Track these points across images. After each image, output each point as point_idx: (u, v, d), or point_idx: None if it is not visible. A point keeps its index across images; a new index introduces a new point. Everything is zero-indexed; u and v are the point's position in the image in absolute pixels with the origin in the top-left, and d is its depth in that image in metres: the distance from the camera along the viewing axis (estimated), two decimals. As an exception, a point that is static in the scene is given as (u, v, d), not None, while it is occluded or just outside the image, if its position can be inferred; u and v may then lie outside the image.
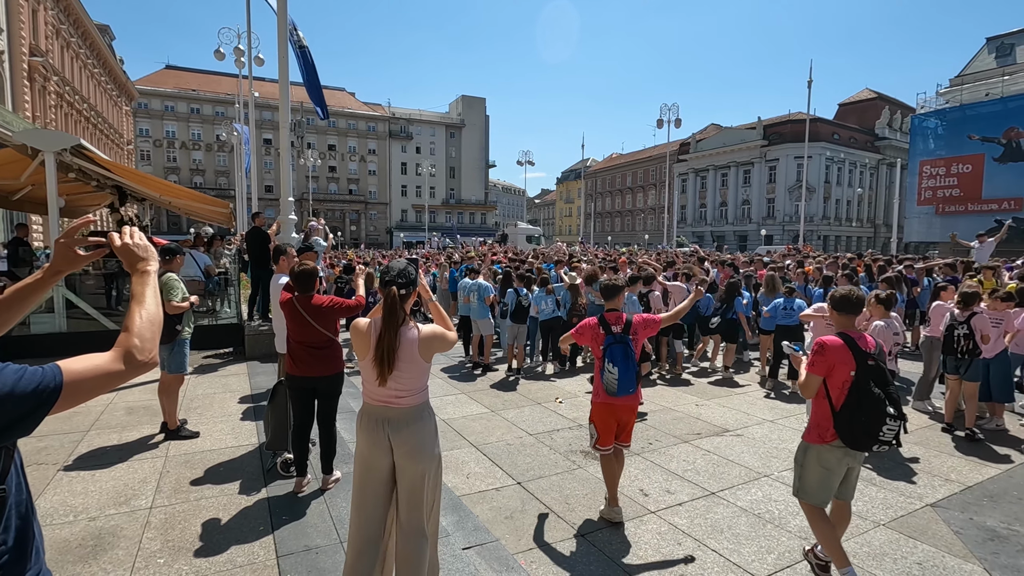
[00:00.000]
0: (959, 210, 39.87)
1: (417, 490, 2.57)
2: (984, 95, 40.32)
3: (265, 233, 9.05)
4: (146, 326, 1.32)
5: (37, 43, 24.32)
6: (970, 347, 5.61)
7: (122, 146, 42.52)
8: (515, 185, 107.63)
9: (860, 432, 2.92)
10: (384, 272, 2.59)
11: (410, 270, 2.59)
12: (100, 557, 3.17)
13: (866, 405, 2.90)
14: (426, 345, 2.55)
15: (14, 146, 8.41)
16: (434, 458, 2.63)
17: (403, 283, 2.54)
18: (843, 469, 3.10)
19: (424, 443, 2.58)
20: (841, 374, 2.97)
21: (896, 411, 2.88)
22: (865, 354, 2.98)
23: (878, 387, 2.91)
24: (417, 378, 2.57)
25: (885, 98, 62.83)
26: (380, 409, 2.57)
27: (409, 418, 2.56)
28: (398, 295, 2.51)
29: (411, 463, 2.55)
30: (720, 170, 62.30)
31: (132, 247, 1.48)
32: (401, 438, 2.53)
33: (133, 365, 1.24)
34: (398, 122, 70.91)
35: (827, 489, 3.12)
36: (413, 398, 2.57)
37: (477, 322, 8.55)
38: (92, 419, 5.56)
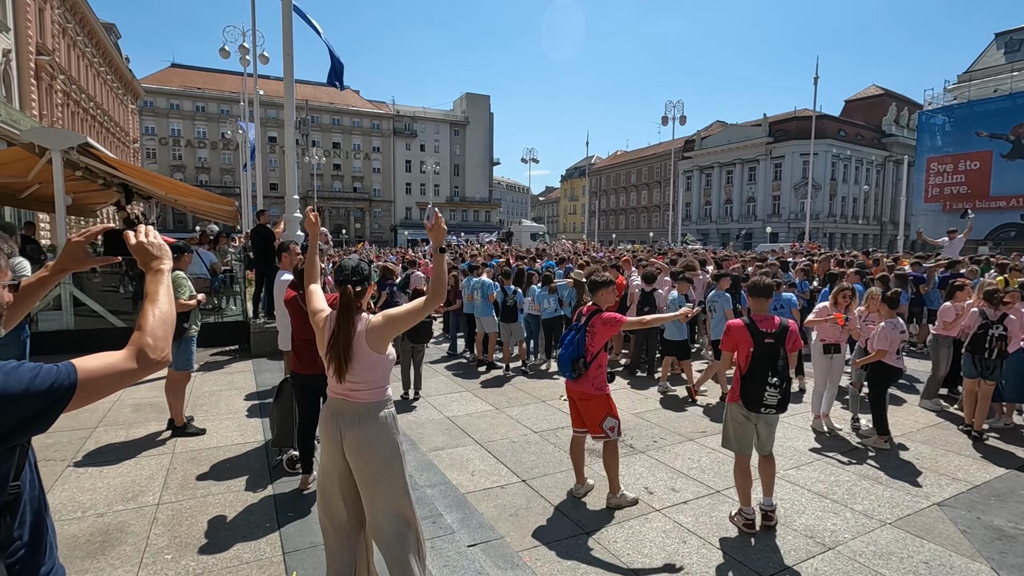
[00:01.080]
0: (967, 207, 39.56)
1: (373, 488, 2.50)
2: (992, 91, 39.94)
3: (270, 231, 9.08)
4: (159, 325, 1.32)
5: (44, 42, 24.43)
6: (1002, 348, 5.45)
7: (128, 144, 42.72)
8: (519, 183, 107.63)
9: (751, 396, 3.63)
10: (338, 271, 2.60)
11: (363, 267, 2.62)
12: (108, 553, 3.19)
13: (756, 374, 3.61)
14: (373, 335, 2.48)
15: (22, 144, 8.47)
16: (389, 460, 2.51)
17: (357, 280, 2.56)
18: (752, 423, 3.75)
19: (374, 442, 2.49)
20: (743, 350, 3.69)
21: (777, 380, 3.56)
22: (763, 334, 3.65)
23: (765, 361, 3.59)
24: (370, 370, 2.51)
25: (892, 95, 62.40)
26: (337, 403, 2.57)
27: (361, 414, 2.50)
28: (353, 292, 2.53)
29: (358, 461, 2.49)
30: (725, 167, 62.04)
31: (147, 246, 1.48)
32: (351, 434, 2.49)
33: (146, 364, 1.25)
34: (402, 120, 70.91)
35: (743, 440, 3.78)
36: (369, 392, 2.53)
37: (480, 319, 8.56)
38: (100, 416, 5.60)
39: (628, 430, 5.63)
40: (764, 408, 3.62)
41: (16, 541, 1.16)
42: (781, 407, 3.63)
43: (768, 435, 3.80)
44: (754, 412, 3.68)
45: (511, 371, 8.17)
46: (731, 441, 3.85)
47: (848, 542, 3.56)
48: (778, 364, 3.60)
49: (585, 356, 3.90)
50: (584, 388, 3.96)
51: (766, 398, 3.58)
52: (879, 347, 5.20)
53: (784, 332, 3.68)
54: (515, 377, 7.92)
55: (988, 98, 39.04)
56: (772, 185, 57.21)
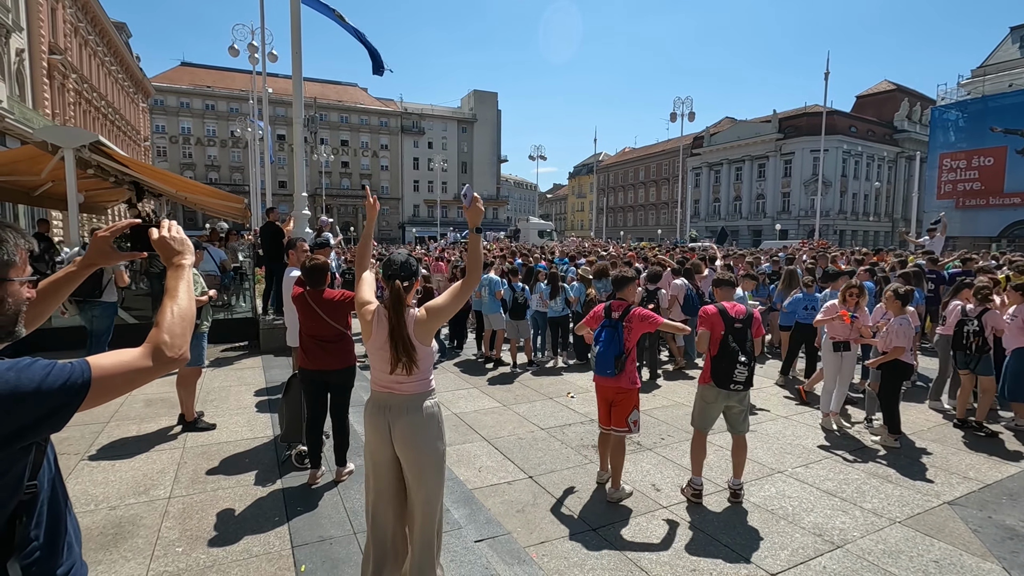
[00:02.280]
0: (980, 204, 39.07)
1: (420, 479, 2.56)
2: (1007, 86, 39.34)
3: (279, 228, 9.13)
4: (177, 322, 1.30)
5: (56, 41, 24.69)
6: (979, 343, 5.58)
7: (139, 142, 43.12)
8: (527, 180, 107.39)
9: (721, 374, 3.99)
10: (387, 266, 2.64)
11: (411, 262, 2.65)
12: (120, 545, 3.24)
13: (726, 355, 3.97)
14: (420, 329, 2.55)
15: (35, 143, 8.57)
16: (434, 452, 2.59)
17: (405, 275, 2.60)
18: (719, 404, 4.12)
19: (422, 434, 2.56)
20: (715, 333, 4.02)
21: (746, 359, 3.94)
22: (732, 319, 4.02)
23: (735, 343, 3.97)
24: (419, 362, 2.57)
25: (904, 90, 61.62)
26: (384, 396, 2.62)
27: (409, 406, 2.56)
28: (402, 287, 2.57)
29: (409, 452, 2.55)
30: (734, 164, 61.59)
31: (169, 240, 1.49)
32: (399, 426, 2.54)
33: (162, 362, 1.23)
34: (410, 117, 70.98)
35: (705, 418, 4.17)
36: (416, 384, 2.58)
37: (488, 316, 8.57)
38: (112, 411, 5.67)
39: (635, 427, 5.63)
40: (733, 384, 3.97)
41: (33, 542, 1.14)
42: (747, 384, 4.01)
43: (741, 415, 4.14)
44: (724, 389, 4.02)
45: (518, 368, 8.18)
46: (696, 418, 4.23)
47: (857, 540, 3.55)
48: (746, 345, 3.99)
49: (626, 352, 4.00)
50: (621, 384, 4.05)
51: (735, 375, 3.95)
52: (897, 344, 5.15)
53: (750, 319, 4.08)
54: (522, 374, 7.93)
55: (1003, 93, 38.44)
56: (782, 182, 56.73)
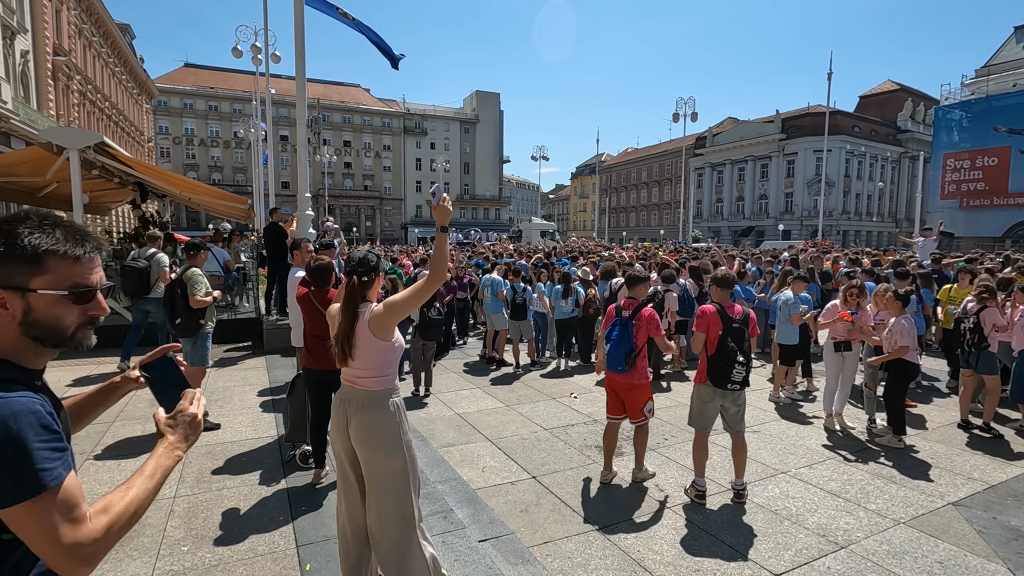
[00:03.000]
0: (984, 204, 38.93)
1: (376, 477, 2.53)
2: (1012, 85, 39.23)
3: (282, 228, 9.16)
4: (125, 521, 1.11)
5: (60, 43, 24.80)
6: (975, 340, 5.57)
7: (142, 143, 43.27)
8: (529, 180, 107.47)
9: (719, 374, 3.97)
10: (347, 262, 2.69)
11: (370, 258, 2.68)
12: (126, 544, 3.25)
13: (724, 354, 3.96)
14: (376, 322, 2.52)
15: (40, 144, 8.61)
16: (391, 451, 2.53)
17: (363, 271, 2.62)
18: (716, 403, 4.11)
19: (377, 430, 2.52)
20: (713, 333, 4.03)
21: (744, 359, 3.93)
22: (731, 319, 4.03)
23: (733, 343, 3.96)
24: (374, 357, 2.56)
25: (908, 90, 61.43)
26: (346, 389, 2.65)
27: (367, 401, 2.55)
28: (357, 283, 2.60)
29: (364, 450, 2.54)
30: (737, 164, 61.48)
31: (173, 421, 1.34)
32: (356, 421, 2.54)
33: (75, 557, 1.01)
34: (413, 118, 71.07)
35: (704, 418, 4.16)
36: (374, 380, 2.57)
37: (491, 317, 8.58)
38: (117, 411, 5.69)
39: (638, 427, 5.63)
40: (731, 384, 3.96)
41: None
42: (745, 384, 4.01)
43: (738, 415, 4.13)
44: (721, 388, 4.02)
45: (521, 368, 8.19)
46: (694, 419, 4.24)
47: (861, 541, 3.54)
48: (744, 345, 4.00)
49: (635, 346, 4.19)
50: (633, 380, 4.24)
51: (733, 375, 3.95)
52: (902, 343, 5.14)
53: (747, 319, 4.11)
54: (525, 374, 7.93)
55: (1007, 93, 38.31)
56: (785, 182, 56.60)
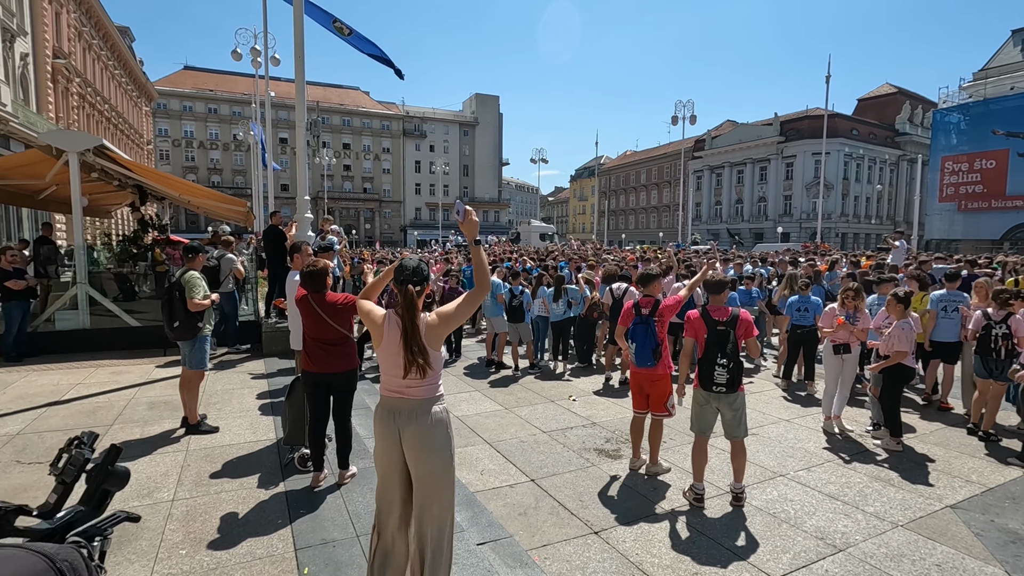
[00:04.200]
0: (982, 207, 39.03)
1: (429, 485, 2.58)
2: (1009, 89, 39.37)
3: (281, 231, 9.16)
4: None
5: (60, 45, 24.82)
6: (1009, 348, 5.40)
7: (142, 146, 43.28)
8: (528, 183, 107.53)
9: (704, 376, 4.04)
10: (399, 271, 2.64)
11: (423, 267, 2.66)
12: (124, 548, 3.25)
13: (708, 357, 4.02)
14: (431, 334, 2.57)
15: (39, 147, 8.63)
16: (443, 457, 2.60)
17: (417, 280, 2.61)
18: (711, 406, 4.12)
19: (433, 438, 2.57)
20: (700, 337, 4.11)
21: (726, 361, 3.94)
22: (715, 322, 4.05)
23: (717, 345, 3.98)
24: (432, 364, 2.60)
25: (906, 93, 61.61)
26: (394, 400, 2.62)
27: (419, 410, 2.57)
28: (414, 292, 2.58)
29: (419, 457, 2.56)
30: (736, 167, 61.59)
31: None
32: (410, 430, 2.55)
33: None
34: (412, 120, 71.17)
35: (702, 421, 4.18)
36: (425, 388, 2.59)
37: (490, 319, 8.59)
38: (115, 413, 5.69)
39: (637, 430, 5.63)
40: (715, 387, 4.00)
41: None
42: (730, 386, 3.99)
43: (734, 420, 4.08)
44: (707, 391, 4.07)
45: (520, 371, 8.19)
46: (693, 422, 4.28)
47: (859, 544, 3.55)
48: (727, 347, 3.98)
49: (660, 342, 4.46)
50: (657, 371, 4.46)
51: (716, 376, 3.98)
52: (899, 348, 5.14)
53: (735, 320, 4.05)
54: (524, 377, 7.93)
55: (1004, 96, 38.44)
56: (784, 185, 56.70)
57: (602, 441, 5.37)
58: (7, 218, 19.49)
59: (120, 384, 6.80)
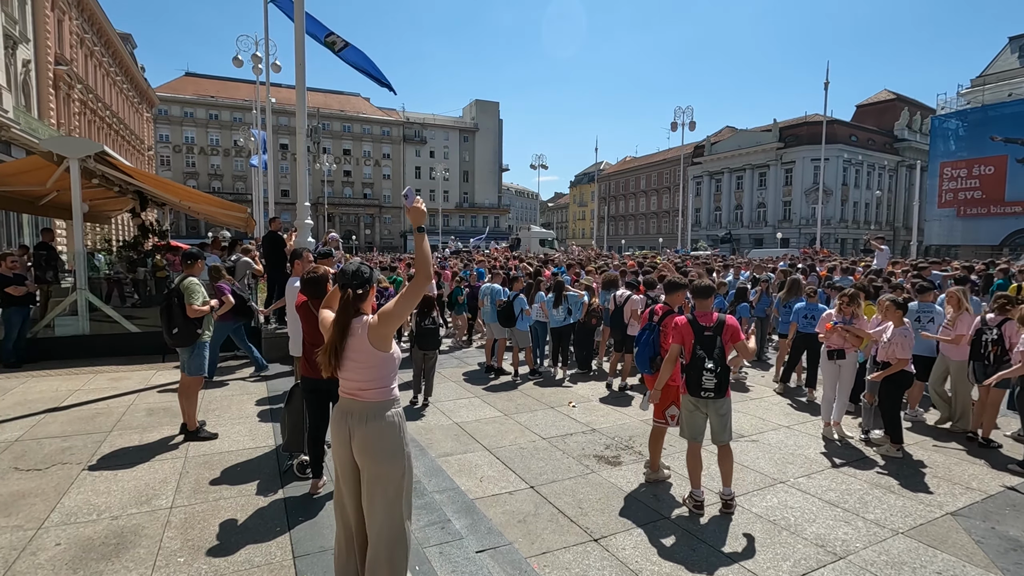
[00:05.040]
0: (981, 212, 39.13)
1: (375, 490, 2.54)
2: (1007, 95, 39.54)
3: (281, 237, 9.17)
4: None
5: (62, 52, 24.94)
6: (998, 353, 5.43)
7: (143, 152, 43.40)
8: (528, 189, 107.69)
9: (692, 382, 4.05)
10: (340, 275, 2.70)
11: (363, 270, 2.70)
12: (122, 555, 3.24)
13: (694, 362, 4.02)
14: (374, 334, 2.55)
15: (41, 153, 8.65)
16: (393, 461, 2.56)
17: (357, 284, 2.64)
18: (700, 412, 4.13)
19: (381, 442, 2.54)
20: (687, 343, 4.10)
21: (713, 366, 3.94)
22: (702, 327, 4.06)
23: (702, 350, 4.00)
24: (374, 368, 2.57)
25: (904, 99, 61.86)
26: (346, 401, 2.64)
27: (369, 413, 2.56)
28: (352, 295, 2.63)
29: (367, 461, 2.55)
30: (735, 173, 61.73)
31: None
32: (359, 433, 2.55)
33: None
34: (412, 127, 71.44)
35: (692, 427, 4.17)
36: (375, 392, 2.58)
37: (490, 325, 8.58)
38: (114, 420, 5.68)
39: (637, 437, 5.62)
40: (703, 392, 4.00)
41: None
42: (718, 391, 3.99)
43: (721, 425, 4.10)
44: (695, 397, 4.07)
45: (519, 377, 8.18)
46: (683, 429, 4.28)
47: (859, 551, 3.53)
48: (714, 352, 3.99)
49: (660, 352, 4.49)
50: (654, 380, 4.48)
51: (704, 382, 3.98)
52: (901, 356, 5.14)
53: (721, 325, 4.07)
54: (523, 383, 7.92)
55: (1002, 102, 38.63)
56: (783, 190, 56.83)
57: (602, 448, 5.36)
58: (7, 224, 19.52)
59: (119, 390, 6.79)
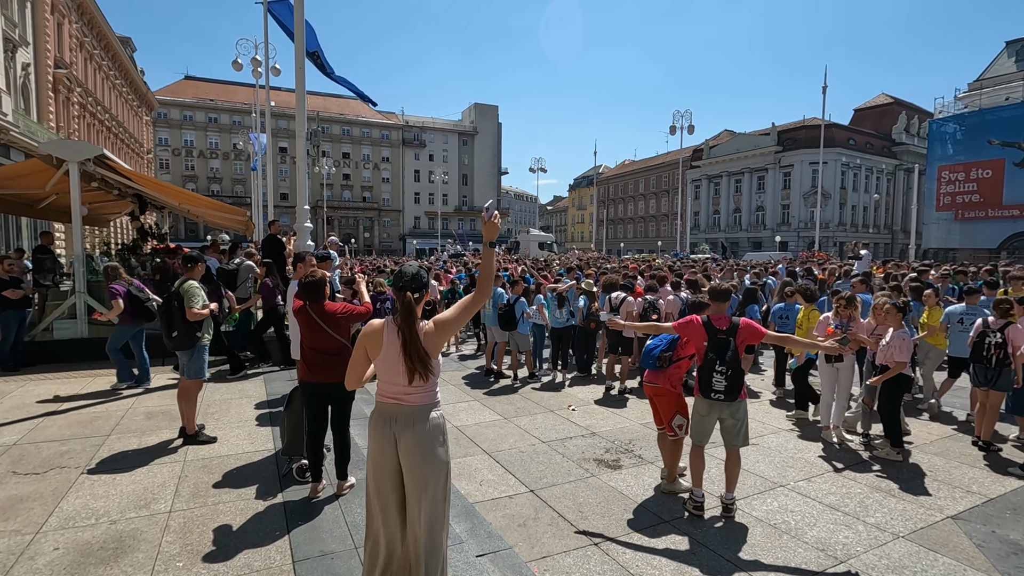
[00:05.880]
0: (979, 216, 39.21)
1: (424, 491, 2.56)
2: (1004, 99, 39.66)
3: (281, 240, 9.17)
4: None
5: (62, 55, 24.95)
6: (1000, 356, 5.45)
7: (142, 155, 43.38)
8: (527, 192, 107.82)
9: (703, 383, 4.04)
10: (397, 277, 2.66)
11: (421, 274, 2.67)
12: (121, 560, 3.22)
13: (706, 364, 4.02)
14: (430, 341, 2.58)
15: (40, 156, 8.65)
16: (441, 463, 2.60)
17: (416, 287, 2.63)
18: (713, 416, 4.12)
19: (429, 444, 2.57)
20: (699, 344, 4.09)
21: (724, 367, 3.92)
22: (716, 330, 4.04)
23: (713, 352, 3.99)
24: (433, 370, 2.61)
25: (902, 103, 62.08)
26: (390, 407, 2.62)
27: (416, 417, 2.57)
28: (412, 299, 2.60)
29: (415, 463, 2.55)
30: (734, 176, 61.87)
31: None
32: (406, 437, 2.55)
33: None
34: (411, 130, 71.51)
35: (701, 431, 4.19)
36: (423, 395, 2.60)
37: (491, 329, 8.58)
38: (113, 423, 5.66)
39: (636, 440, 5.62)
40: (714, 393, 3.99)
41: None
42: (729, 393, 3.95)
43: (735, 427, 4.07)
44: (707, 398, 4.06)
45: (519, 381, 8.17)
46: (692, 431, 4.29)
47: (860, 555, 3.53)
48: (726, 355, 3.96)
49: (674, 352, 4.38)
50: (662, 384, 4.42)
51: (714, 383, 3.98)
52: (899, 359, 5.14)
53: (735, 329, 4.04)
54: (523, 387, 7.91)
55: (1000, 106, 38.75)
56: (781, 194, 56.95)
57: (602, 451, 5.35)
58: (6, 227, 19.49)
59: (118, 394, 6.77)
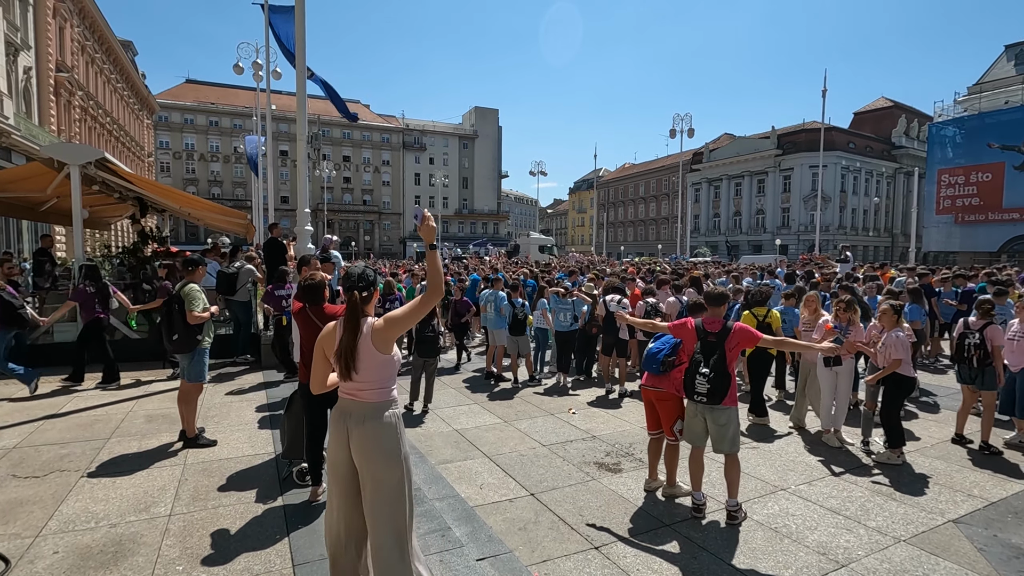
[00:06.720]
0: (979, 219, 39.24)
1: (376, 491, 2.55)
2: (1003, 103, 39.74)
3: (281, 244, 9.18)
4: None
5: (63, 59, 25.03)
6: (981, 356, 5.52)
7: (143, 158, 43.47)
8: (527, 195, 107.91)
9: (687, 384, 4.04)
10: (345, 278, 2.73)
11: (368, 273, 2.74)
12: (121, 563, 3.22)
13: (691, 366, 4.03)
14: (378, 337, 2.60)
15: (41, 160, 8.67)
16: (392, 461, 2.58)
17: (363, 286, 2.69)
18: (699, 418, 4.10)
19: (379, 442, 2.56)
20: (689, 346, 4.12)
21: (707, 370, 3.90)
22: (707, 333, 4.04)
23: (700, 353, 3.99)
24: (376, 370, 2.61)
25: (901, 106, 62.20)
26: (345, 402, 2.66)
27: (368, 414, 2.59)
28: (359, 298, 2.66)
29: (366, 463, 2.56)
30: (734, 179, 61.96)
31: None
32: (358, 433, 2.56)
33: None
34: (412, 133, 71.63)
35: (691, 432, 4.19)
36: (375, 392, 2.61)
37: (493, 332, 8.58)
38: (113, 427, 5.66)
39: (637, 444, 5.61)
40: (696, 395, 3.98)
41: None
42: (711, 397, 3.92)
43: (719, 434, 4.03)
44: (691, 400, 4.09)
45: (519, 384, 8.17)
46: (685, 433, 4.30)
47: (861, 559, 3.52)
48: (711, 359, 3.94)
49: (676, 357, 4.32)
50: (666, 388, 4.35)
51: (696, 385, 3.96)
52: (896, 356, 5.15)
53: (726, 333, 4.02)
54: (523, 390, 7.91)
55: (999, 110, 38.81)
56: (781, 197, 57.03)
57: (602, 455, 5.35)
58: (7, 230, 19.52)
59: (118, 397, 6.77)
